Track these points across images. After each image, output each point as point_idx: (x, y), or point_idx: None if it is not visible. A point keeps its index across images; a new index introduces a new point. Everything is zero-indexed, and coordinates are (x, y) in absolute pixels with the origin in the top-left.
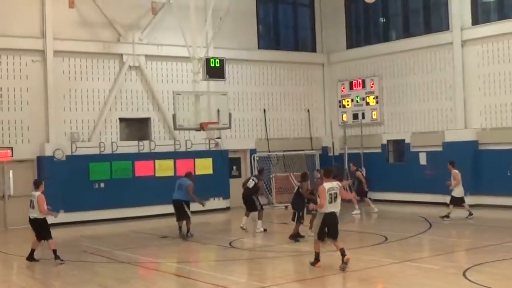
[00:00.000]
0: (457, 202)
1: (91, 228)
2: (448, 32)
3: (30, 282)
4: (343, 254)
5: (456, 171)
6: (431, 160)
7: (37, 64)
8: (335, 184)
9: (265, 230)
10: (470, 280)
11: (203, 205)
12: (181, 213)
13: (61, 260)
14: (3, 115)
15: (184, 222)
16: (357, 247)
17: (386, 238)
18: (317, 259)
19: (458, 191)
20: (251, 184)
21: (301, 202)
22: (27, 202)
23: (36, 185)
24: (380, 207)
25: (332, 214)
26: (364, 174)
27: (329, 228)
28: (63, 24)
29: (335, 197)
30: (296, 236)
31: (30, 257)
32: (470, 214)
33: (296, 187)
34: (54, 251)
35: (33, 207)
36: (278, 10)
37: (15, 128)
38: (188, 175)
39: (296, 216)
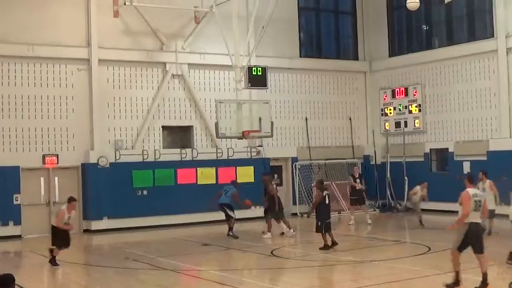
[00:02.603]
0: (491, 214)
1: (134, 235)
2: (492, 40)
3: None
4: (485, 280)
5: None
6: (475, 169)
7: (82, 72)
8: (479, 191)
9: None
10: None
11: (250, 207)
12: (225, 215)
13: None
14: (49, 122)
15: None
16: (400, 257)
17: (429, 248)
18: (457, 280)
19: (493, 203)
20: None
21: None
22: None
23: (68, 201)
24: (423, 216)
25: (477, 225)
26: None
27: (473, 240)
28: (107, 33)
29: (479, 206)
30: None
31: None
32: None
33: (325, 195)
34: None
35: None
36: (320, 18)
37: (61, 136)
38: (234, 183)
39: (327, 225)
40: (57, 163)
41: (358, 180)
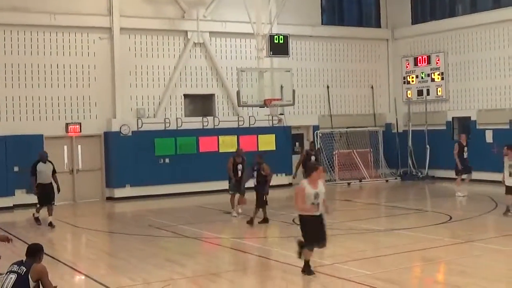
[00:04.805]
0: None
1: (156, 202)
2: None
3: (99, 255)
4: None
5: None
6: (498, 138)
7: (104, 41)
8: None
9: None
10: None
11: None
12: None
13: None
14: (72, 91)
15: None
16: (421, 225)
17: (451, 217)
18: None
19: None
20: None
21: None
22: (95, 176)
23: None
24: (445, 185)
25: None
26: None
27: None
28: (129, 2)
29: None
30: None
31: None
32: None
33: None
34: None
35: None
36: None
37: (83, 104)
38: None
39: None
40: (80, 131)
41: (466, 148)
